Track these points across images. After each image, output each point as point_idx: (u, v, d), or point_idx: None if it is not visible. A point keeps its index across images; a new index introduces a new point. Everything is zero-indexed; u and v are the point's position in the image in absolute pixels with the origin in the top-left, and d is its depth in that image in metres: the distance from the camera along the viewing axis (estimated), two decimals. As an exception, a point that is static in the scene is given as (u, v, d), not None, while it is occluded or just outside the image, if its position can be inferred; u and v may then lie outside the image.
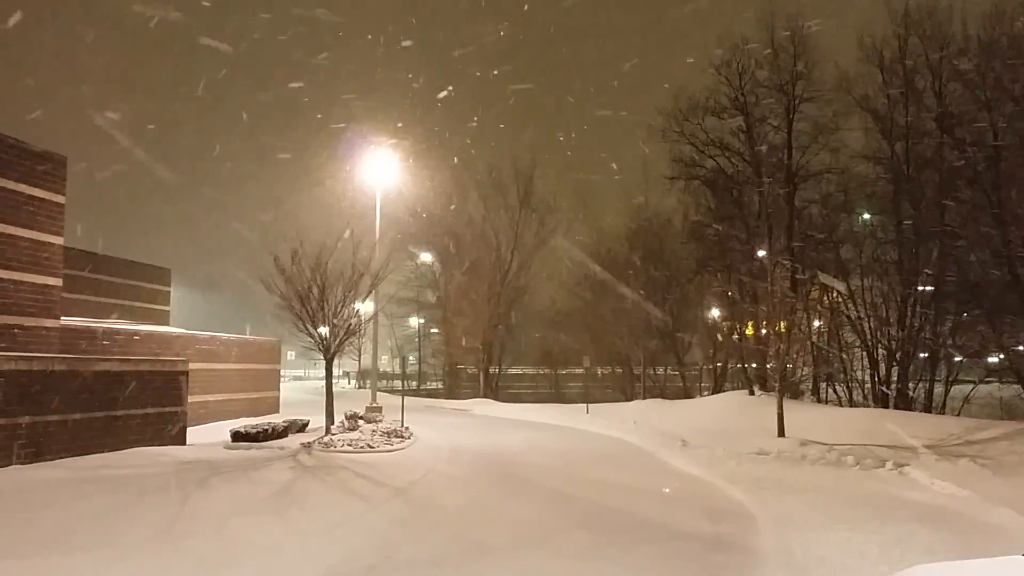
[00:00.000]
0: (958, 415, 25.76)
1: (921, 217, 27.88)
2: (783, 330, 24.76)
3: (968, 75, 27.03)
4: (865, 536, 10.46)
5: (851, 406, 29.68)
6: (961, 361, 28.84)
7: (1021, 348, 25.42)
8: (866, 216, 31.47)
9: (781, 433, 21.50)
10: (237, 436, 20.68)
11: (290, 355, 55.67)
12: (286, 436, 22.11)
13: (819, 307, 32.66)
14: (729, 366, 40.96)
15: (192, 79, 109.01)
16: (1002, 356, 27.00)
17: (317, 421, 23.48)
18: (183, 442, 19.64)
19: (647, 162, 60.80)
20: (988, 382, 28.37)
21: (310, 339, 21.82)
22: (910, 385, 28.48)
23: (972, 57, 27.01)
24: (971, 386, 28.29)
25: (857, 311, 30.15)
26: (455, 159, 50.14)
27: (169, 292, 43.39)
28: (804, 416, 23.56)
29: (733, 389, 36.52)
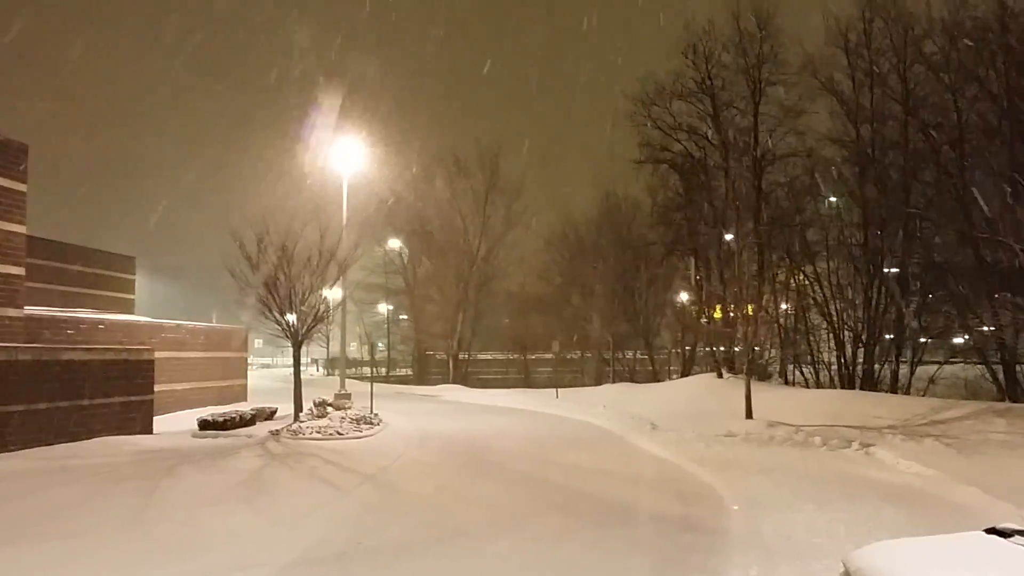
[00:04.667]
0: (923, 396, 26.03)
1: (886, 199, 28.12)
2: (750, 313, 24.89)
3: (932, 57, 27.26)
4: (832, 515, 10.55)
5: (818, 387, 29.96)
6: (926, 342, 29.17)
7: (985, 329, 25.73)
8: (832, 199, 31.69)
9: (749, 415, 21.65)
10: (204, 424, 20.47)
11: (257, 343, 55.29)
12: (254, 424, 21.92)
13: (786, 290, 32.88)
14: (698, 349, 41.17)
15: (152, 65, 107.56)
16: (967, 337, 27.31)
17: (285, 409, 23.31)
18: (150, 431, 19.45)
19: (615, 146, 60.89)
20: (953, 363, 28.75)
21: (277, 326, 21.60)
22: (876, 366, 28.76)
23: (936, 40, 27.23)
24: (936, 367, 28.62)
25: (824, 293, 30.40)
26: (422, 144, 49.90)
27: (134, 280, 42.85)
28: (772, 398, 23.72)
29: (702, 372, 36.71)
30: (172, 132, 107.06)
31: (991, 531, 2.40)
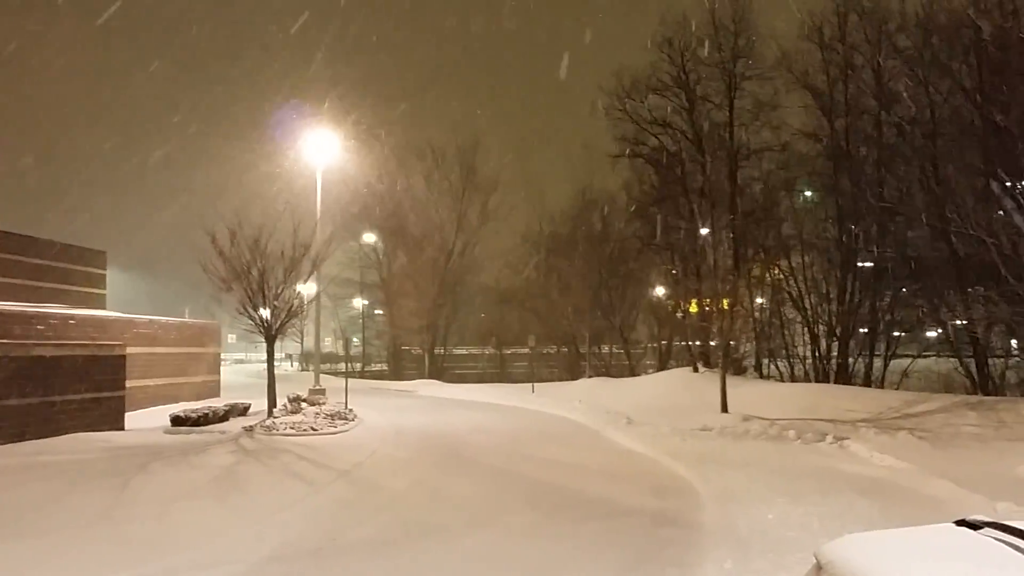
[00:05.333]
0: (897, 389, 26.23)
1: (860, 194, 28.28)
2: (726, 307, 24.95)
3: (906, 52, 27.42)
4: (806, 509, 10.57)
5: (793, 381, 30.11)
6: (900, 336, 29.38)
7: (958, 323, 25.94)
8: (807, 193, 31.86)
9: (724, 409, 21.72)
10: (177, 420, 20.30)
11: (231, 338, 54.93)
12: (227, 420, 21.76)
13: (761, 284, 33.02)
14: (674, 344, 41.27)
15: (127, 61, 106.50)
16: (940, 331, 27.53)
17: (259, 404, 23.15)
18: (122, 427, 19.28)
19: (592, 140, 60.97)
20: (926, 356, 28.97)
21: (251, 321, 21.46)
22: (850, 360, 28.96)
23: (910, 34, 27.40)
24: (909, 360, 28.84)
25: (798, 288, 30.55)
26: (398, 138, 49.59)
27: (105, 275, 42.34)
28: (747, 392, 23.82)
29: (677, 366, 36.81)
30: (149, 126, 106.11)
31: (961, 523, 2.39)
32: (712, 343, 31.46)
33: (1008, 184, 20.63)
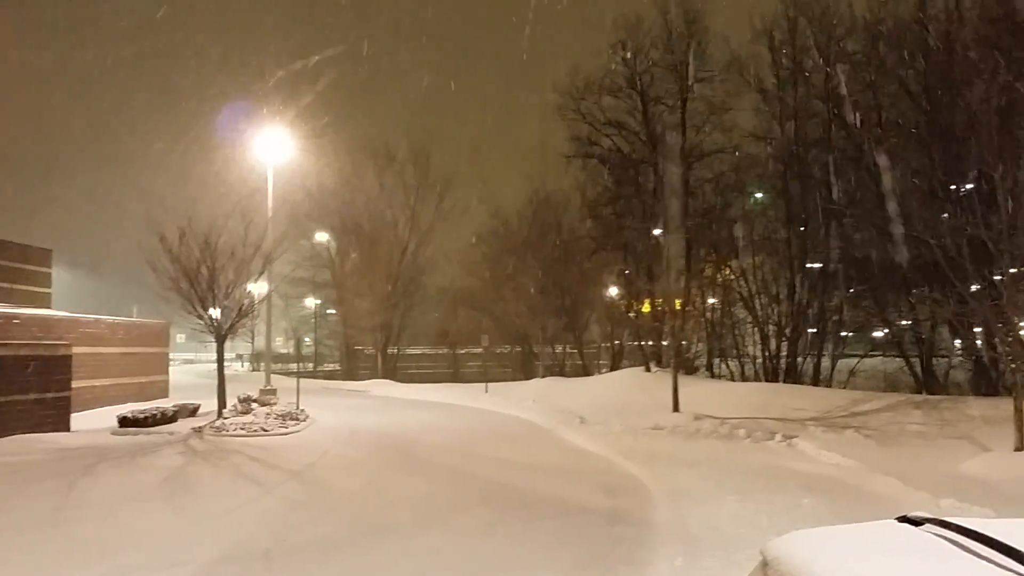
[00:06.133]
0: (844, 388, 26.63)
1: (810, 196, 28.70)
2: (678, 307, 25.20)
3: (854, 57, 27.90)
4: (755, 506, 10.71)
5: (743, 381, 30.44)
6: (847, 336, 29.87)
7: (904, 323, 26.44)
8: (758, 195, 32.24)
9: (676, 408, 21.89)
10: (125, 421, 19.99)
11: (180, 338, 54.06)
12: (176, 421, 21.49)
13: (713, 284, 33.36)
14: (626, 343, 41.52)
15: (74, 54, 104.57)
16: (886, 331, 28.02)
17: (209, 405, 22.85)
18: (68, 428, 18.95)
19: (546, 140, 61.00)
20: (873, 356, 29.48)
21: (200, 321, 21.19)
22: (799, 359, 29.37)
23: (858, 39, 27.88)
24: (857, 360, 29.32)
25: (749, 288, 30.92)
26: (351, 137, 49.25)
27: (50, 274, 41.57)
28: (698, 391, 24.03)
29: (630, 366, 37.03)
30: (96, 123, 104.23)
31: (903, 519, 2.45)
32: (664, 343, 31.73)
33: (952, 187, 21.12)
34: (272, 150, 25.54)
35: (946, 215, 18.87)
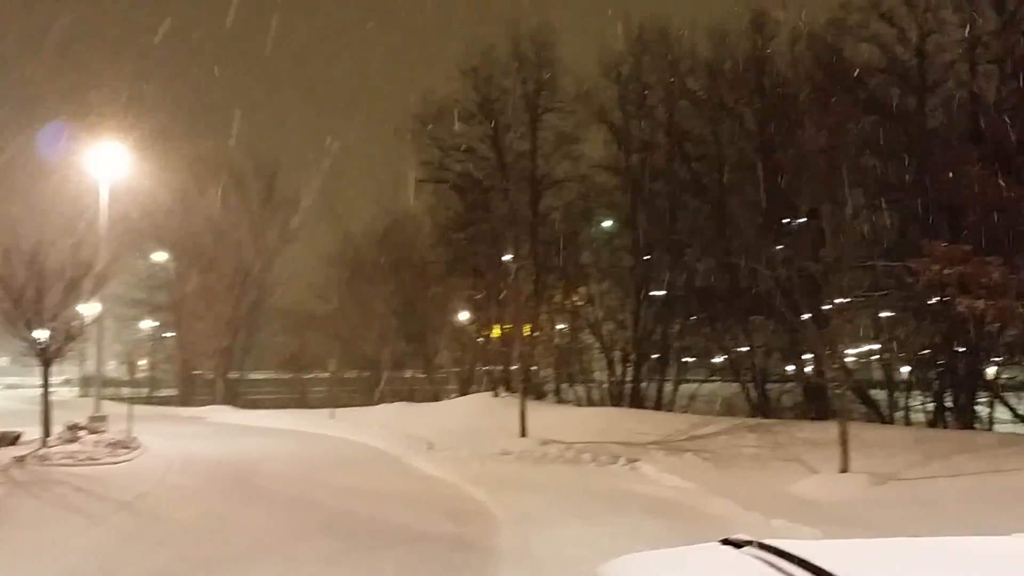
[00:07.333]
0: (685, 412, 27.37)
1: (654, 226, 29.58)
2: (527, 333, 25.42)
3: (696, 94, 29.04)
4: (598, 530, 10.82)
5: (590, 405, 30.91)
6: (689, 361, 30.87)
7: (740, 349, 27.52)
8: (605, 223, 33.00)
9: (524, 433, 22.03)
10: (-63, 451, 18.56)
11: (1, 361, 50.81)
12: (-5, 450, 20.10)
13: (561, 311, 33.86)
14: (476, 368, 41.57)
15: None
16: (724, 357, 29.07)
17: (33, 433, 21.49)
18: None
19: (397, 163, 60.66)
20: (712, 381, 30.55)
21: (24, 343, 19.96)
22: (643, 384, 30.12)
23: (699, 77, 29.03)
24: (697, 384, 30.30)
25: (596, 314, 31.55)
26: (194, 154, 47.30)
27: None
28: (546, 416, 24.24)
29: (479, 391, 37.09)
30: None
31: (726, 542, 2.50)
32: (513, 368, 31.96)
33: (785, 221, 22.19)
34: (106, 166, 24.38)
35: (780, 247, 19.77)
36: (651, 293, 29.83)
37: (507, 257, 31.52)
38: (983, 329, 19.23)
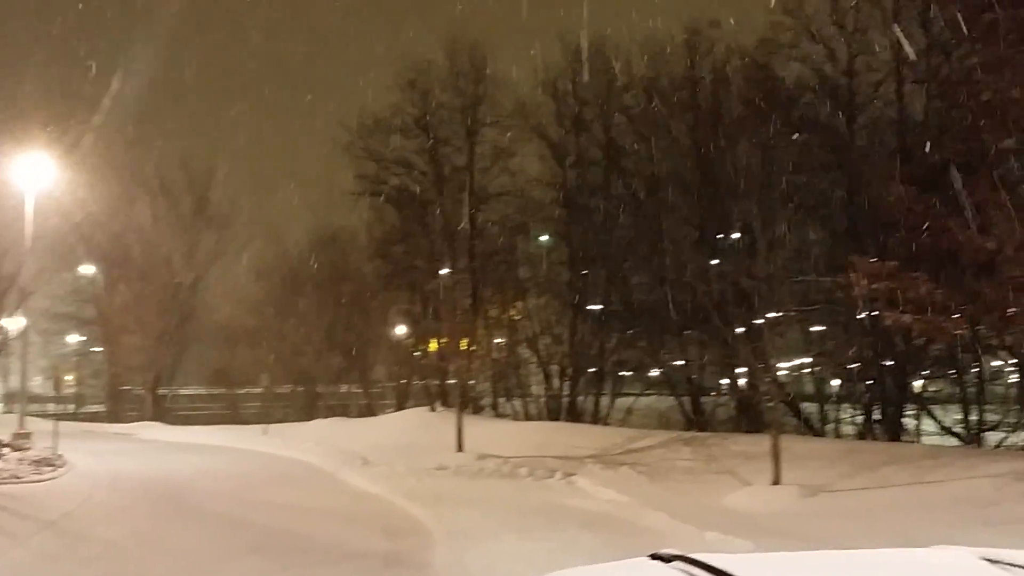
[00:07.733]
0: (621, 426, 27.51)
1: (591, 241, 29.74)
2: (464, 347, 25.35)
3: (632, 110, 29.31)
4: (534, 544, 10.78)
5: (527, 419, 30.90)
6: (625, 375, 31.06)
7: (676, 363, 27.77)
8: (542, 238, 33.10)
9: (460, 448, 21.94)
10: None
11: (-80, 377, 48.94)
12: (-89, 469, 19.34)
13: (499, 325, 33.84)
14: (413, 383, 41.30)
15: None
16: (660, 371, 29.30)
17: (-48, 451, 20.78)
18: None
19: (332, 175, 60.04)
20: (648, 394, 30.77)
21: (-56, 358, 19.32)
22: (580, 398, 30.21)
23: (635, 94, 29.31)
24: (633, 398, 30.50)
25: (533, 328, 31.60)
26: (123, 164, 46.09)
27: None
28: (483, 430, 24.18)
29: (416, 406, 36.84)
30: None
31: (655, 556, 2.48)
32: (450, 382, 31.81)
33: (720, 236, 22.49)
34: (32, 176, 23.63)
35: (715, 262, 20.01)
36: (588, 307, 29.97)
37: (444, 271, 31.44)
38: (910, 343, 19.73)
